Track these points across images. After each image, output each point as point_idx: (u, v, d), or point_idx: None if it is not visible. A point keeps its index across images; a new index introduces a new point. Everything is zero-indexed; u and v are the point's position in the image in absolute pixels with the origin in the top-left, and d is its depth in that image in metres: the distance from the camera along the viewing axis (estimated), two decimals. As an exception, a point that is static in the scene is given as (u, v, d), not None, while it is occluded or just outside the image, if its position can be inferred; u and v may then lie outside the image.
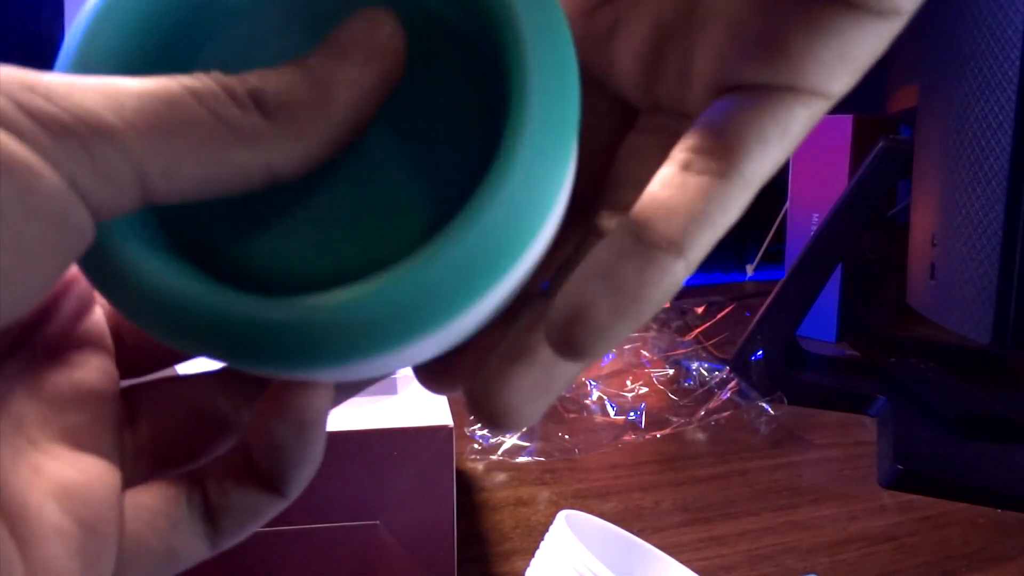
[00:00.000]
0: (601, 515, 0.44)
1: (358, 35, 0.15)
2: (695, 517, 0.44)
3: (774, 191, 1.15)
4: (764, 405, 0.57)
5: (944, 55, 0.51)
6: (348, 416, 0.32)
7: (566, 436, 0.55)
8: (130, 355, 0.18)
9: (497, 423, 0.16)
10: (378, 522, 0.31)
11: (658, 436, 0.55)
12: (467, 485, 0.47)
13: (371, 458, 0.31)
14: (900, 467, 0.47)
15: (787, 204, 0.85)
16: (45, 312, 0.17)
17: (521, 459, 0.51)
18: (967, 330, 0.49)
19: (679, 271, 0.14)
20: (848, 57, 0.14)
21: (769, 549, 0.40)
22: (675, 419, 0.57)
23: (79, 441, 0.16)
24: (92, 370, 0.17)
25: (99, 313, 0.18)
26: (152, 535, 0.16)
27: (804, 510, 0.45)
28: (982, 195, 0.47)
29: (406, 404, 0.33)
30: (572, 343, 0.14)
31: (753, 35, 0.15)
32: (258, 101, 0.13)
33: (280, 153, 0.14)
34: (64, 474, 0.15)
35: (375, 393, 0.37)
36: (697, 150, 0.15)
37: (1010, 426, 0.53)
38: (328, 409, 0.17)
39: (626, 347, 0.68)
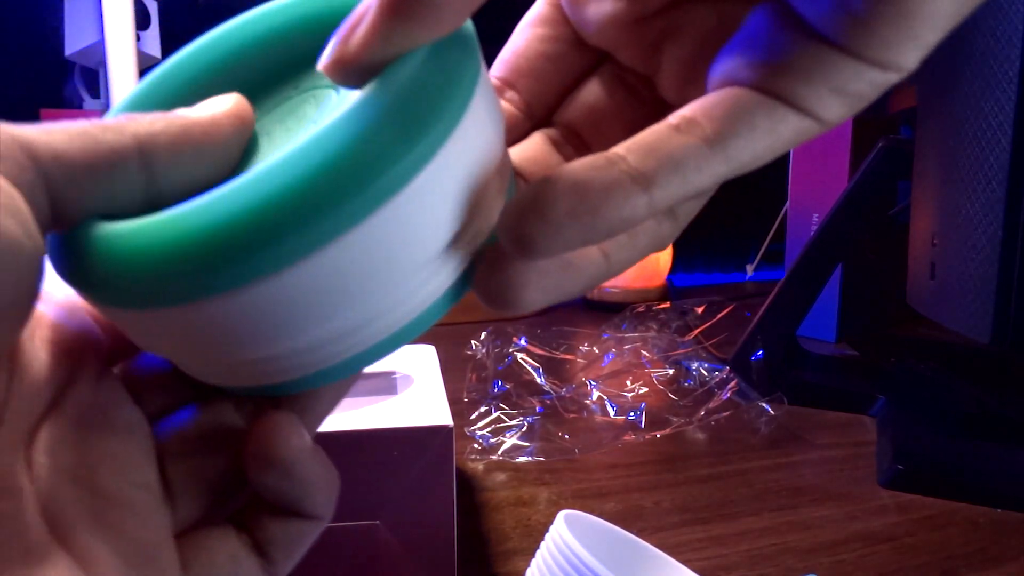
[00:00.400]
0: (601, 515, 0.44)
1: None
2: (695, 517, 0.44)
3: (774, 191, 1.15)
4: (764, 405, 0.57)
5: (944, 55, 0.51)
6: (348, 416, 0.32)
7: (566, 436, 0.55)
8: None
9: (496, 299, 0.16)
10: (378, 522, 0.31)
11: (658, 436, 0.55)
12: (467, 485, 0.47)
13: (371, 458, 0.31)
14: (900, 467, 0.47)
15: (787, 204, 0.85)
16: (70, 375, 0.17)
17: (521, 459, 0.51)
18: (967, 330, 0.49)
19: (640, 203, 0.15)
20: (843, 93, 0.15)
21: (769, 549, 0.40)
22: (675, 419, 0.57)
23: (124, 511, 0.16)
24: (124, 431, 0.17)
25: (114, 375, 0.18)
26: (215, 573, 0.17)
27: (804, 510, 0.45)
28: (982, 195, 0.47)
29: (406, 404, 0.33)
30: (522, 233, 0.15)
31: (764, 50, 0.16)
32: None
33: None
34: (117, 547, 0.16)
35: (375, 393, 0.37)
36: (689, 117, 0.16)
37: (1010, 426, 0.53)
38: (305, 443, 0.17)
39: (626, 347, 0.68)
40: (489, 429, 0.54)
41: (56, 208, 0.14)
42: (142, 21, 0.70)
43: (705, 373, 0.62)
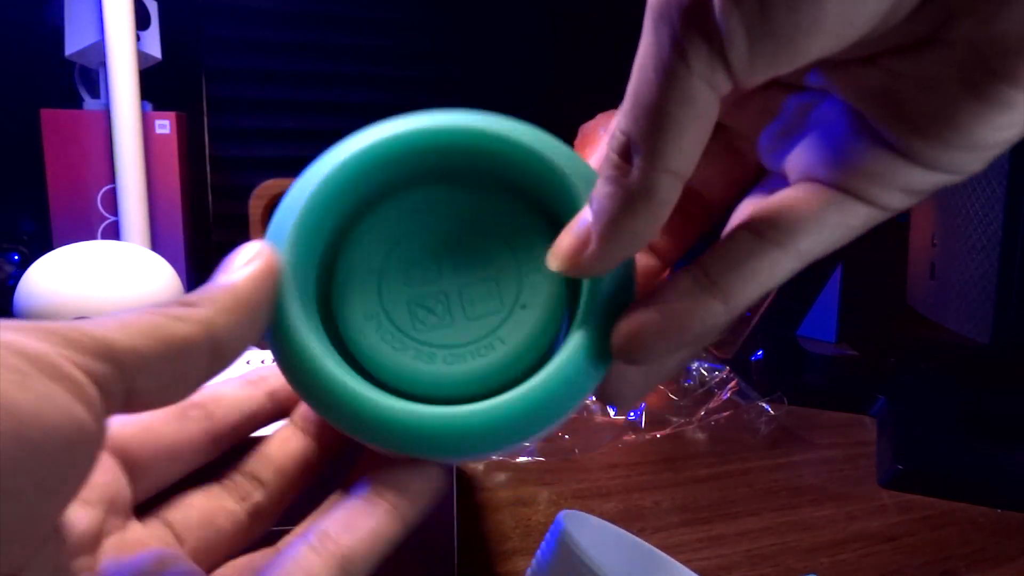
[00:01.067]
0: (601, 515, 0.44)
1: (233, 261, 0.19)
2: (695, 517, 0.44)
3: (774, 191, 1.15)
4: (764, 405, 0.57)
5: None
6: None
7: (566, 436, 0.55)
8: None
9: (609, 400, 0.21)
10: (378, 522, 0.31)
11: (658, 436, 0.55)
12: (467, 485, 0.47)
13: (371, 458, 0.31)
14: (900, 467, 0.47)
15: (787, 204, 0.85)
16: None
17: (521, 459, 0.51)
18: (967, 330, 0.49)
19: (719, 312, 0.18)
20: (911, 192, 0.17)
21: (769, 549, 0.40)
22: (675, 419, 0.57)
23: None
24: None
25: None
26: None
27: (804, 510, 0.45)
28: (982, 195, 0.47)
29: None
30: (626, 351, 0.19)
31: (841, 153, 0.18)
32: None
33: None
34: None
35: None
36: (768, 220, 0.18)
37: (1010, 426, 0.53)
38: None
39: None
40: (489, 429, 0.54)
41: (129, 395, 0.16)
42: (142, 21, 0.69)
43: (705, 373, 0.62)
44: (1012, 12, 0.14)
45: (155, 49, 0.72)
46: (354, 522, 0.19)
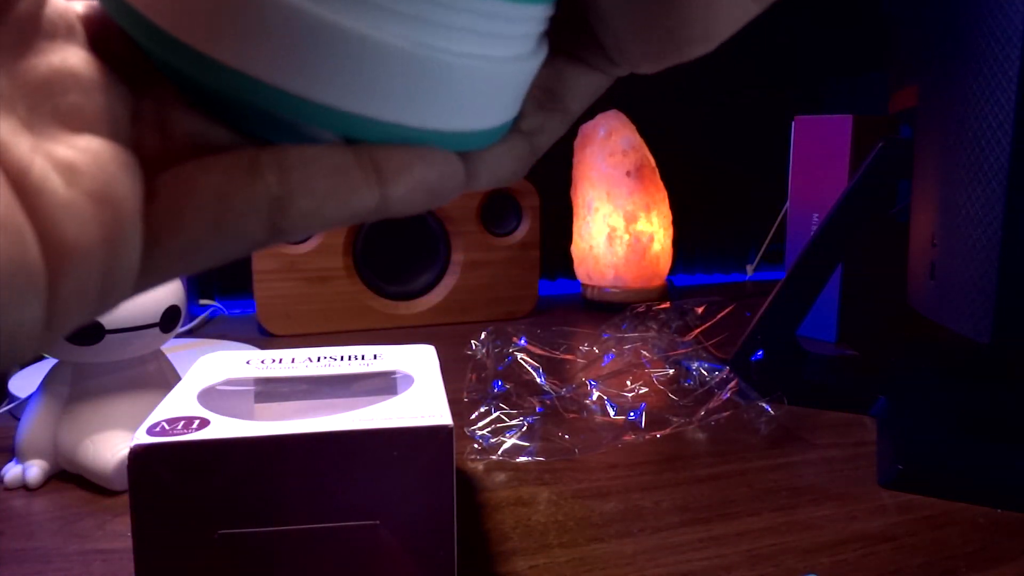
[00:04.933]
0: (601, 515, 0.44)
1: None
2: (695, 517, 0.44)
3: (774, 191, 1.15)
4: (764, 405, 0.57)
5: (944, 55, 0.51)
6: (348, 416, 0.32)
7: (566, 436, 0.55)
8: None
9: None
10: (378, 522, 0.31)
11: (658, 436, 0.55)
12: (467, 485, 0.47)
13: (371, 458, 0.31)
14: (900, 467, 0.47)
15: (787, 204, 0.85)
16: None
17: (521, 459, 0.51)
18: (967, 330, 0.49)
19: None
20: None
21: (769, 549, 0.40)
22: (675, 419, 0.57)
23: (75, 124, 0.15)
24: (73, 56, 0.16)
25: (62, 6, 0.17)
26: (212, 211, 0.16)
27: (804, 510, 0.45)
28: (982, 195, 0.47)
29: (406, 404, 0.33)
30: None
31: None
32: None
33: None
34: (64, 153, 0.15)
35: (375, 393, 0.37)
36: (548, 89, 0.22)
37: (1010, 426, 0.53)
38: None
39: (626, 347, 0.68)
40: (489, 429, 0.54)
41: None
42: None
43: (705, 373, 0.62)
44: None
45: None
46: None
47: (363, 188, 0.17)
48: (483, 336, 0.66)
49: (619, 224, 0.94)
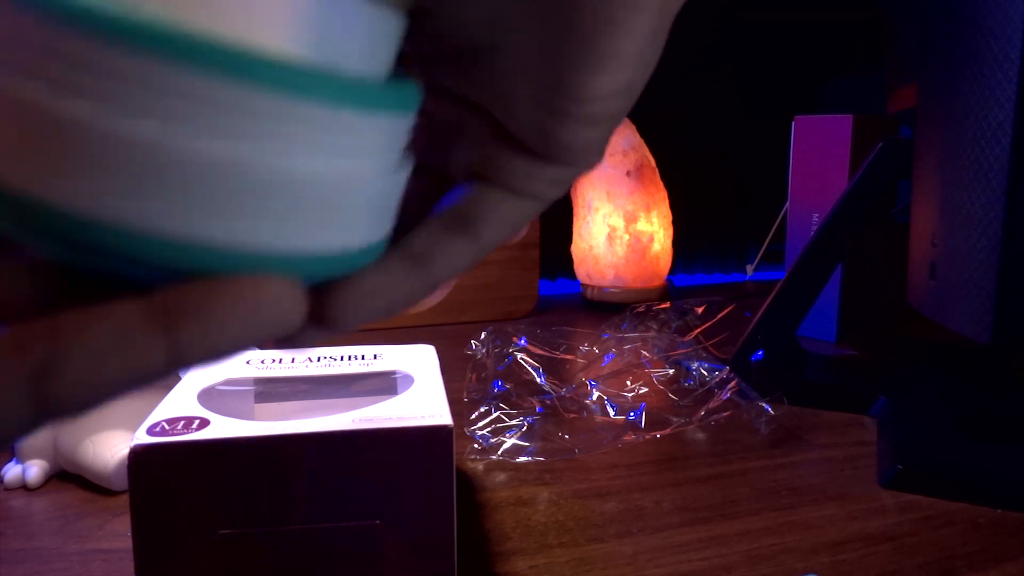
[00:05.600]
0: (601, 515, 0.44)
1: None
2: (695, 517, 0.44)
3: (774, 191, 1.15)
4: (764, 405, 0.57)
5: (944, 55, 0.51)
6: (348, 416, 0.32)
7: (566, 436, 0.55)
8: None
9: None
10: (378, 522, 0.31)
11: (658, 436, 0.55)
12: (467, 485, 0.47)
13: (371, 458, 0.31)
14: (900, 467, 0.47)
15: (787, 204, 0.85)
16: None
17: (521, 459, 0.51)
18: (967, 330, 0.49)
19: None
20: (556, 180, 0.19)
21: (769, 549, 0.40)
22: (675, 419, 0.57)
23: None
24: None
25: None
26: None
27: (804, 510, 0.45)
28: (982, 195, 0.47)
29: (406, 404, 0.33)
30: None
31: (482, 147, 0.19)
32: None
33: None
34: None
35: (375, 393, 0.37)
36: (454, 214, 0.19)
37: (1010, 426, 0.53)
38: None
39: (626, 347, 0.68)
40: (489, 429, 0.54)
41: None
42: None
43: (705, 373, 0.62)
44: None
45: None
46: None
47: (144, 337, 0.14)
48: (483, 336, 0.66)
49: (619, 224, 0.94)
